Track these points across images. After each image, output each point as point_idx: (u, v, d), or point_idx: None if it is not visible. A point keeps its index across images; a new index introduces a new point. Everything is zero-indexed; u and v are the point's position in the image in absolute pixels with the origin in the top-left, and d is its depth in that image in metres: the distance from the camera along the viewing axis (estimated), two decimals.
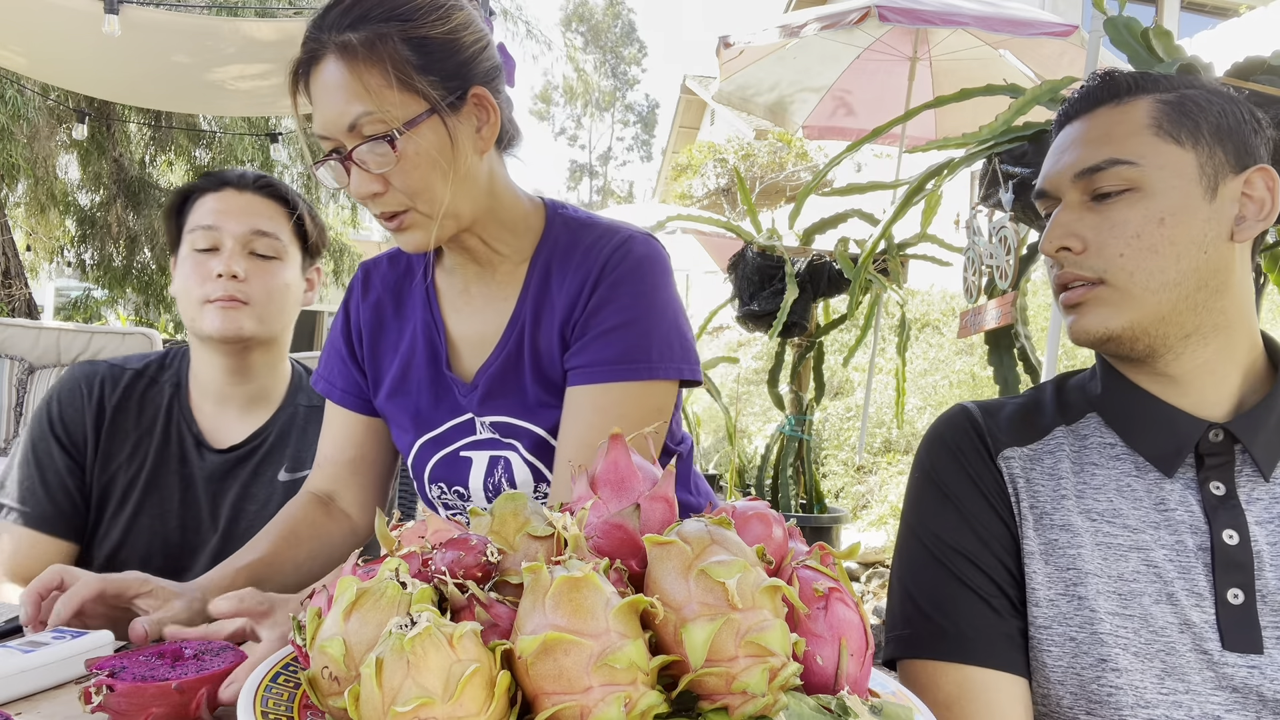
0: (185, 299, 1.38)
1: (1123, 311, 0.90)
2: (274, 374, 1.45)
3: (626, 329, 1.07)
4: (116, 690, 0.72)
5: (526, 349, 1.11)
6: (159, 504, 1.38)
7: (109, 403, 1.40)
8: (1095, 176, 0.91)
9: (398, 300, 1.21)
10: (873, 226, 3.81)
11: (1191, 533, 0.89)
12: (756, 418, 8.00)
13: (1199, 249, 0.89)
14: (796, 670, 0.53)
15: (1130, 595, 0.89)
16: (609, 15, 37.47)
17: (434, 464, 1.17)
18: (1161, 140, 0.90)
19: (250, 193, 1.40)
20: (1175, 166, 0.89)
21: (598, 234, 1.12)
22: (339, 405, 1.23)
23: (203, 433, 1.42)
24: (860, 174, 11.22)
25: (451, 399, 1.15)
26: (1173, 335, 0.91)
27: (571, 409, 1.08)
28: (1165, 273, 0.89)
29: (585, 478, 0.64)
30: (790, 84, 5.75)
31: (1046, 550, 0.93)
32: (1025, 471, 0.97)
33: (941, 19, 4.41)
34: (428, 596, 0.54)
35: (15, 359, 1.96)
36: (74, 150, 8.17)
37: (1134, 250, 0.89)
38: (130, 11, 3.55)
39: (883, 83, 5.55)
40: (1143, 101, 0.92)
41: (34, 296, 8.52)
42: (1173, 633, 0.87)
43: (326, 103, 0.99)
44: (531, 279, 1.13)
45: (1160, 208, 0.89)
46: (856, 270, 3.17)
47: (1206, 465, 0.90)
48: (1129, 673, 0.86)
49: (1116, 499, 0.92)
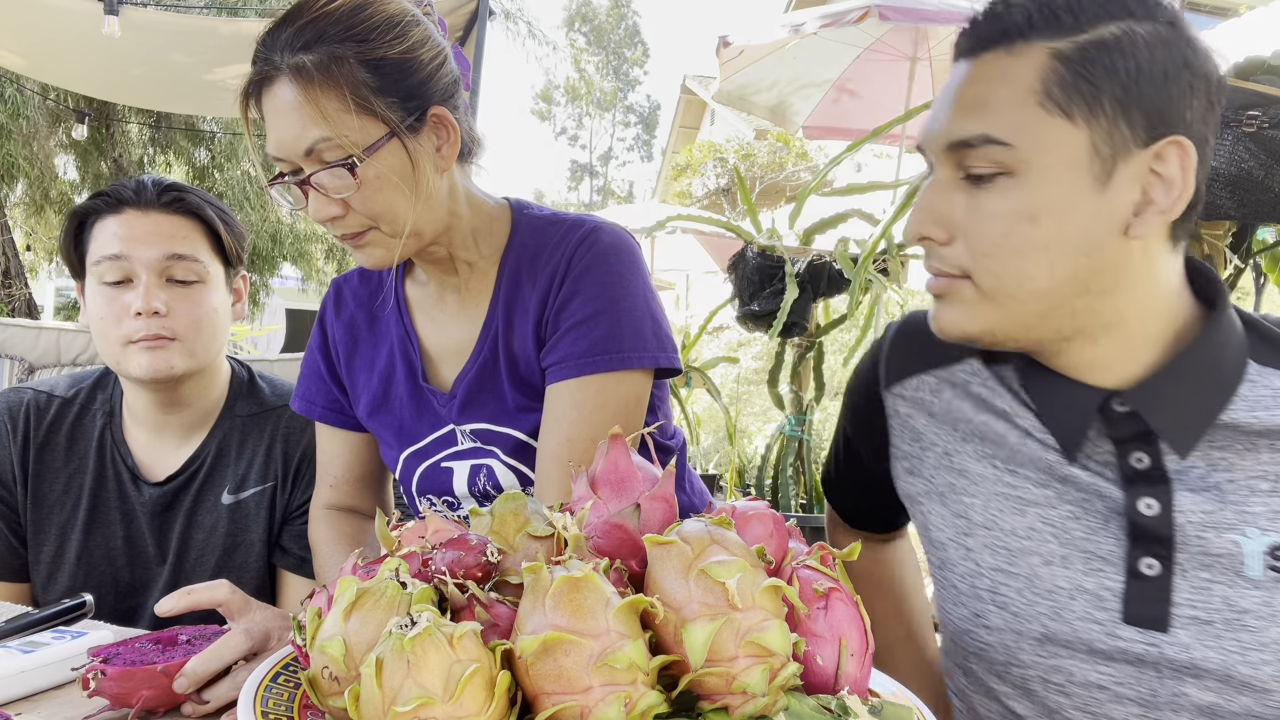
0: (103, 339, 1.24)
1: (983, 315, 0.79)
2: (209, 395, 1.34)
3: (596, 320, 1.04)
4: (108, 675, 0.76)
5: (502, 354, 1.10)
6: (103, 543, 1.31)
7: (35, 437, 1.31)
8: (966, 153, 0.77)
9: (371, 316, 1.19)
10: (873, 226, 3.80)
11: (1101, 497, 0.80)
12: (756, 418, 8.00)
13: (1079, 252, 0.75)
14: (796, 670, 0.53)
15: (1019, 552, 0.82)
16: (613, 17, 37.48)
17: (419, 476, 1.16)
18: (1047, 113, 0.74)
19: (156, 211, 1.25)
20: (1060, 149, 0.74)
21: (564, 229, 1.09)
22: (326, 424, 1.23)
23: (138, 465, 1.32)
24: (860, 174, 11.22)
25: (431, 411, 1.13)
26: (1048, 339, 0.80)
27: (550, 406, 1.06)
28: (1035, 280, 0.76)
29: (585, 477, 0.64)
30: (790, 84, 5.75)
31: (944, 492, 0.88)
32: (922, 405, 0.91)
33: (941, 17, 4.42)
34: (428, 596, 0.54)
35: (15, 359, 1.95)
36: (73, 150, 8.17)
37: (1000, 251, 0.76)
38: (130, 12, 3.55)
39: (883, 83, 5.55)
40: (1036, 52, 0.75)
41: (34, 296, 8.52)
42: (1061, 597, 0.80)
43: (281, 126, 0.96)
44: (501, 283, 1.11)
45: (1034, 202, 0.75)
46: (856, 270, 3.17)
47: (1121, 436, 0.80)
48: (1000, 631, 0.82)
49: (1022, 449, 0.84)
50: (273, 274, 9.67)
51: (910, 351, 0.93)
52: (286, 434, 1.35)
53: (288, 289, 12.03)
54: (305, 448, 1.34)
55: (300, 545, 1.31)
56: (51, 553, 1.32)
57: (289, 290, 12.11)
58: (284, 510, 1.33)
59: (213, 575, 1.30)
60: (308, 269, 9.87)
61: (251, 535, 1.31)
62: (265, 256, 9.19)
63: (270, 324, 10.46)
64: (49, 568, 1.32)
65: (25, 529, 1.32)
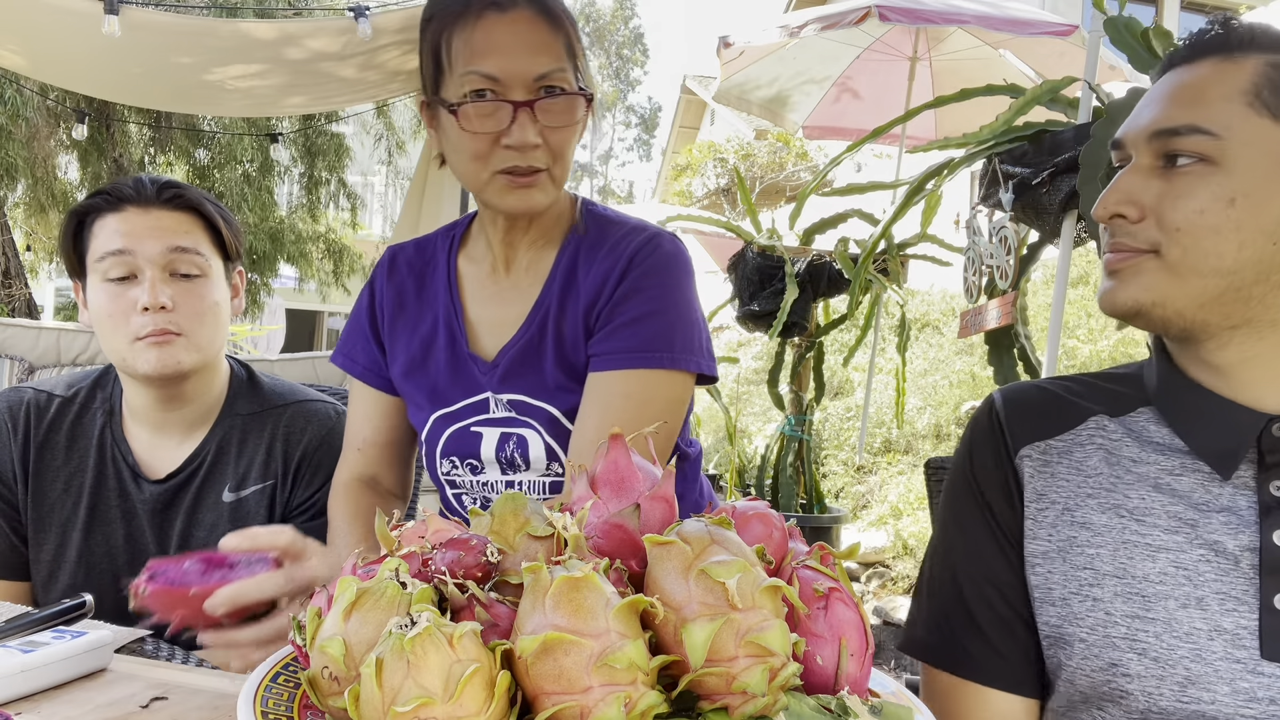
0: (110, 337, 1.25)
1: (1160, 286, 0.82)
2: (210, 392, 1.35)
3: (652, 319, 1.10)
4: (150, 591, 0.84)
5: (550, 333, 1.15)
6: (104, 541, 1.31)
7: (35, 435, 1.31)
8: (1171, 140, 0.82)
9: (421, 283, 1.25)
10: (873, 226, 3.81)
11: (1234, 534, 0.81)
12: (756, 418, 8.00)
13: (1269, 239, 0.79)
14: (796, 670, 0.53)
15: (1154, 598, 0.82)
16: (617, 19, 37.45)
17: (447, 437, 1.20)
18: (1255, 113, 0.80)
19: (158, 208, 1.27)
20: (1262, 144, 0.79)
21: (626, 229, 1.18)
22: (365, 384, 1.26)
23: (139, 463, 1.32)
24: (860, 174, 11.22)
25: (469, 378, 1.18)
26: (1216, 324, 0.82)
27: (593, 393, 1.11)
28: (1222, 258, 0.79)
29: (585, 477, 0.64)
30: (790, 84, 5.75)
31: (1064, 548, 0.87)
32: (1048, 466, 0.90)
33: (941, 18, 4.42)
34: (428, 596, 0.54)
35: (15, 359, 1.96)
36: (73, 150, 8.16)
37: (1194, 226, 0.80)
38: (130, 12, 3.55)
39: (883, 83, 5.56)
40: (1252, 62, 0.81)
41: (34, 296, 8.53)
42: (1200, 639, 0.80)
43: (517, 46, 1.05)
44: (559, 267, 1.17)
45: (1234, 187, 0.79)
46: (856, 270, 3.17)
47: (1267, 463, 0.81)
48: (1142, 678, 0.81)
49: (1150, 496, 0.85)
50: (273, 274, 9.66)
51: (1029, 419, 0.93)
52: (287, 433, 1.35)
53: (288, 289, 12.02)
54: (306, 446, 1.35)
55: None
56: (52, 551, 1.32)
57: (289, 290, 12.11)
58: (284, 508, 1.33)
59: None
60: (307, 269, 9.86)
61: None
62: (265, 256, 9.18)
63: (270, 324, 10.45)
64: (49, 566, 1.32)
65: (26, 528, 1.32)
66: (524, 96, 1.05)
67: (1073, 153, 2.15)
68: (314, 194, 9.18)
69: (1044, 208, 2.30)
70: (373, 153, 8.96)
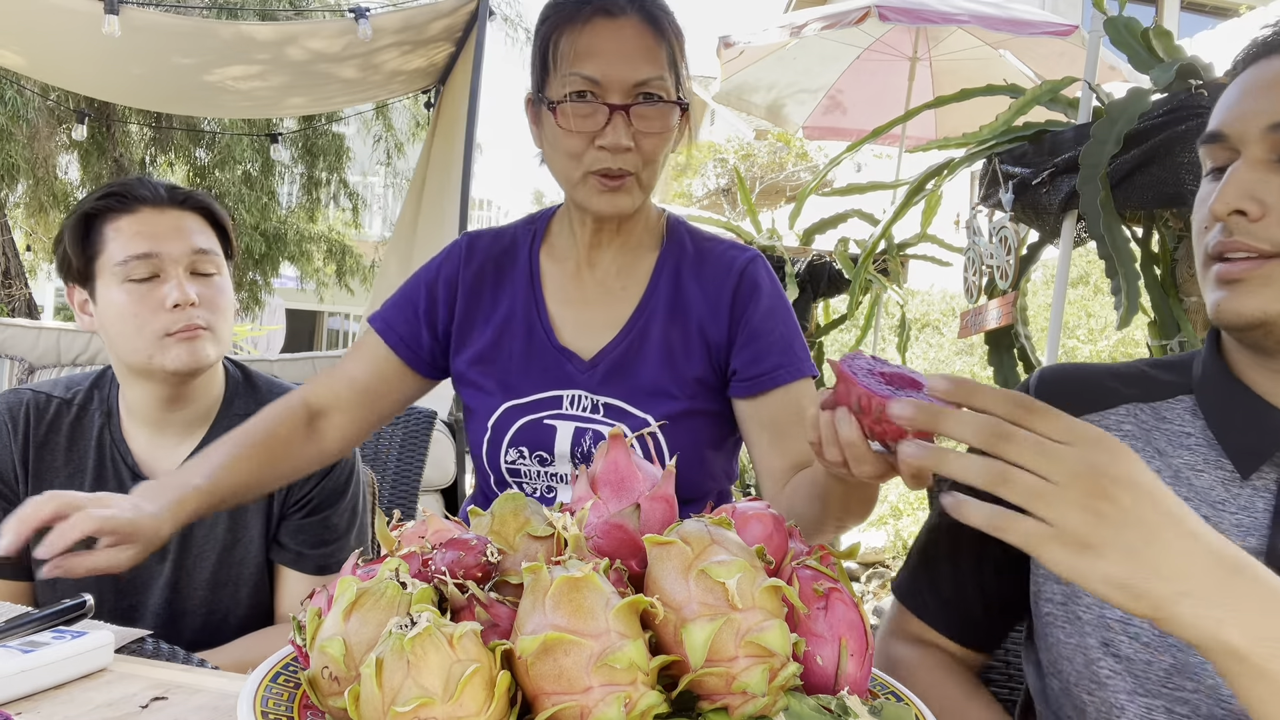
0: (133, 336, 1.26)
1: None
2: (210, 392, 1.36)
3: (789, 333, 1.19)
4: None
5: (655, 340, 1.19)
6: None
7: (35, 436, 1.32)
8: None
9: (499, 273, 1.26)
10: (873, 226, 3.80)
11: (1244, 536, 0.80)
12: None
13: None
14: (796, 670, 0.53)
15: None
16: None
17: (518, 428, 1.21)
18: None
19: (173, 209, 1.30)
20: None
21: (724, 247, 1.24)
22: (388, 346, 1.25)
23: (138, 463, 1.33)
24: (860, 174, 11.22)
25: (551, 371, 1.20)
26: None
27: (766, 413, 1.16)
28: None
29: (585, 477, 0.64)
30: (790, 84, 5.75)
31: None
32: None
33: (941, 18, 4.42)
34: (428, 596, 0.54)
35: (15, 359, 1.96)
36: (74, 150, 8.16)
37: None
38: (130, 12, 3.55)
39: (883, 83, 5.56)
40: None
41: (34, 296, 8.52)
42: None
43: (623, 53, 1.08)
44: (661, 276, 1.21)
45: None
46: (856, 270, 3.17)
47: None
48: (1130, 660, 0.82)
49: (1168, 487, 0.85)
50: (273, 274, 9.66)
51: (1059, 396, 0.91)
52: None
53: (288, 289, 12.02)
54: None
55: (297, 541, 1.33)
56: None
57: (289, 290, 12.10)
58: (281, 506, 1.34)
59: (211, 572, 1.31)
60: (307, 269, 9.85)
61: (250, 532, 1.32)
62: (265, 256, 9.17)
63: (270, 324, 10.45)
64: None
65: None
66: (621, 100, 1.08)
67: (1073, 153, 2.15)
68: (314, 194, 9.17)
69: (1044, 208, 2.30)
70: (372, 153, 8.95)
